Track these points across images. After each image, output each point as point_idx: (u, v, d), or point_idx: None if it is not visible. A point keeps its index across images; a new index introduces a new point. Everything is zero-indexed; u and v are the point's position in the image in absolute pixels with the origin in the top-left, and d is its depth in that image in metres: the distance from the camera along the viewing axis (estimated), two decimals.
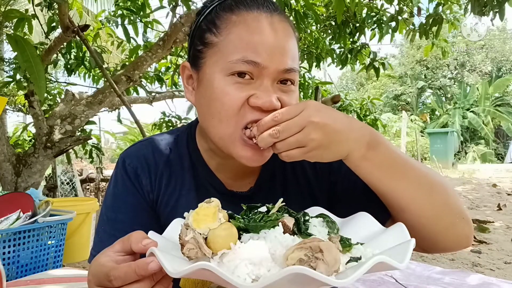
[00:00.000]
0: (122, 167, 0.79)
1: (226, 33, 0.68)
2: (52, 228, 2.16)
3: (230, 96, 0.67)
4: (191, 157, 0.81)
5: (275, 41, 0.67)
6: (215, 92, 0.68)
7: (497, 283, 0.78)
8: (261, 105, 0.65)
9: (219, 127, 0.69)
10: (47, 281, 1.60)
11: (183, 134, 0.84)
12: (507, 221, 4.39)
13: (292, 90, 0.71)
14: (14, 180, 3.10)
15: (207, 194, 0.78)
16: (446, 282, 0.84)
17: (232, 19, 0.69)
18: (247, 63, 0.65)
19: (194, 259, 0.51)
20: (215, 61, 0.69)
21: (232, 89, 0.67)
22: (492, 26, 5.14)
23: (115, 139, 10.09)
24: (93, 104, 3.25)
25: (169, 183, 0.79)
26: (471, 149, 17.64)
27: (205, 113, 0.72)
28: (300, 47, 4.46)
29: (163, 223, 0.78)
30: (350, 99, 5.17)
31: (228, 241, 0.50)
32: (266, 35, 0.67)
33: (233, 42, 0.67)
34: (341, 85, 27.27)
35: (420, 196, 0.65)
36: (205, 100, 0.71)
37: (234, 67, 0.66)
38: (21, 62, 1.82)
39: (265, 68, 0.66)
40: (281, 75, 0.68)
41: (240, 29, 0.68)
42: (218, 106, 0.68)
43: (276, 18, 0.70)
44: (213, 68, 0.69)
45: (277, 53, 0.67)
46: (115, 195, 0.79)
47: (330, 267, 0.45)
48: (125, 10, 3.53)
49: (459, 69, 22.67)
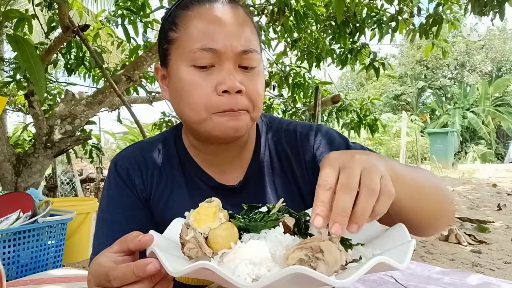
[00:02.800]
0: (115, 170, 0.83)
1: (184, 28, 0.74)
2: (52, 228, 2.16)
3: (197, 87, 0.71)
4: (179, 155, 0.85)
5: (229, 27, 0.72)
6: (182, 84, 0.73)
7: (497, 283, 0.78)
8: (227, 88, 0.69)
9: (193, 115, 0.73)
10: (47, 281, 1.60)
11: (171, 135, 0.88)
12: (507, 221, 4.40)
13: (254, 73, 0.74)
14: (14, 180, 3.10)
15: (197, 188, 0.82)
16: (446, 282, 0.84)
17: (188, 14, 0.74)
18: (205, 51, 0.70)
19: (195, 259, 0.51)
20: (178, 54, 0.74)
21: (198, 79, 0.71)
22: (492, 26, 5.14)
23: (115, 139, 10.08)
24: (93, 104, 3.24)
25: (160, 181, 0.82)
26: (471, 149, 17.64)
27: (178, 105, 0.76)
28: (300, 47, 4.46)
29: (157, 219, 0.82)
30: (350, 99, 5.16)
31: (228, 240, 0.50)
32: (219, 22, 0.72)
33: (191, 34, 0.72)
34: (341, 85, 27.25)
35: (420, 206, 0.66)
36: (176, 93, 0.75)
37: (195, 57, 0.71)
38: (21, 62, 1.82)
39: (223, 53, 0.70)
40: (239, 58, 0.72)
41: (195, 22, 0.73)
42: (187, 97, 0.72)
43: (228, 6, 0.75)
44: (178, 62, 0.74)
45: (232, 37, 0.71)
46: (110, 197, 0.82)
47: (331, 267, 0.45)
48: (125, 10, 3.53)
49: (459, 69, 22.67)
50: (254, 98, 0.73)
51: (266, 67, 4.58)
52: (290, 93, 4.65)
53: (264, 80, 0.79)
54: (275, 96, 5.05)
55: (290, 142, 0.85)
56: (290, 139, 0.86)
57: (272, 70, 4.64)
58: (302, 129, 0.86)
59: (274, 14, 3.56)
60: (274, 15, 3.57)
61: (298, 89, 4.59)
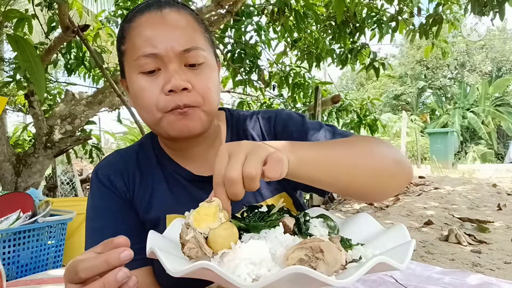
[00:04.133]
0: (96, 178, 0.86)
1: (129, 39, 0.78)
2: (52, 228, 2.16)
3: (146, 92, 0.75)
4: (157, 156, 0.89)
5: (168, 30, 0.75)
6: (135, 90, 0.77)
7: (497, 283, 0.78)
8: (172, 88, 0.72)
9: (148, 117, 0.77)
10: (47, 281, 1.60)
11: (147, 140, 0.92)
12: (507, 221, 4.39)
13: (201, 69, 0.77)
14: (14, 180, 3.10)
15: (177, 183, 0.85)
16: (446, 282, 0.84)
17: (131, 26, 0.78)
18: (147, 57, 0.73)
19: (195, 259, 0.51)
20: (128, 64, 0.79)
21: (146, 84, 0.75)
22: (492, 26, 5.13)
23: (115, 139, 10.09)
24: (93, 104, 3.25)
25: (141, 181, 0.86)
26: (471, 149, 17.64)
27: (137, 109, 0.81)
28: (300, 47, 4.46)
29: (141, 219, 0.84)
30: (350, 99, 5.16)
31: (228, 240, 0.50)
32: (158, 28, 0.75)
33: (134, 43, 0.76)
34: (341, 85, 27.26)
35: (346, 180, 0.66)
36: (133, 100, 0.80)
37: (140, 64, 0.74)
38: (21, 62, 1.82)
39: (165, 56, 0.73)
40: (183, 58, 0.75)
41: (137, 31, 0.76)
42: (140, 101, 0.77)
43: (166, 10, 0.78)
44: (129, 71, 0.78)
45: (171, 40, 0.74)
46: (95, 205, 0.85)
47: (331, 267, 0.45)
48: (125, 10, 3.53)
49: (459, 69, 22.67)
50: (204, 93, 0.76)
51: (266, 67, 4.58)
52: (290, 93, 4.65)
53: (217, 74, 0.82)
54: (275, 96, 5.05)
55: (255, 128, 0.90)
56: (254, 125, 0.91)
57: (272, 70, 4.64)
58: (264, 114, 0.93)
59: (274, 14, 3.57)
60: (274, 15, 3.57)
61: (298, 89, 4.59)
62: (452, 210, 4.87)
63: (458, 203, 5.25)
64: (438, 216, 4.60)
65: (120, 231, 0.55)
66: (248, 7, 3.74)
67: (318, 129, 0.85)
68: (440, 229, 4.09)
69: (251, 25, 3.72)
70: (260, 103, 5.19)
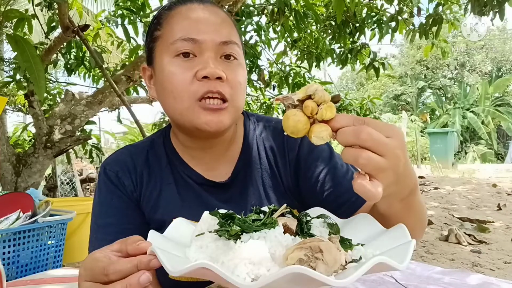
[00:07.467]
0: (104, 174, 0.84)
1: (167, 25, 0.78)
2: (52, 228, 2.15)
3: (178, 75, 0.74)
4: (168, 155, 0.87)
5: (209, 20, 0.77)
6: (165, 75, 0.75)
7: (497, 283, 0.78)
8: (207, 74, 0.72)
9: (175, 104, 0.75)
10: (47, 281, 1.60)
11: (158, 137, 0.90)
12: (507, 221, 4.39)
13: (235, 64, 0.77)
14: (14, 180, 3.10)
15: (186, 185, 0.84)
16: (446, 282, 0.84)
17: (170, 14, 0.79)
18: (186, 41, 0.74)
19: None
20: (161, 49, 0.78)
21: (179, 68, 0.74)
22: (492, 26, 5.13)
23: (115, 139, 10.09)
24: (93, 104, 3.24)
25: (149, 181, 0.84)
26: (471, 149, 17.64)
27: (162, 97, 0.78)
28: (300, 47, 4.46)
29: (147, 219, 0.83)
30: (350, 99, 5.16)
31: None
32: (200, 18, 0.77)
33: (172, 29, 0.76)
34: (341, 85, 27.26)
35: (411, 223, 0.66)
36: (160, 86, 0.78)
37: (177, 47, 0.74)
38: (21, 62, 1.82)
39: (203, 43, 0.74)
40: (221, 49, 0.75)
41: (177, 18, 0.77)
42: (169, 86, 0.75)
43: (208, 4, 0.80)
44: (161, 56, 0.77)
45: (212, 29, 0.75)
46: (101, 202, 0.83)
47: (330, 267, 0.45)
48: (125, 10, 3.52)
49: (459, 69, 22.67)
50: (235, 87, 0.76)
51: (266, 67, 4.58)
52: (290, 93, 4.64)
53: (246, 76, 0.82)
54: (275, 96, 5.04)
55: (277, 140, 0.88)
56: (277, 136, 0.88)
57: (272, 70, 4.63)
58: None
59: (274, 14, 3.56)
60: (274, 15, 3.57)
61: (298, 89, 4.58)
62: (452, 210, 4.88)
63: (458, 203, 5.25)
64: (438, 216, 4.60)
65: (125, 230, 0.56)
66: (248, 7, 3.74)
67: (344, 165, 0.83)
68: (440, 229, 4.10)
69: (251, 25, 3.72)
70: (260, 103, 5.19)
